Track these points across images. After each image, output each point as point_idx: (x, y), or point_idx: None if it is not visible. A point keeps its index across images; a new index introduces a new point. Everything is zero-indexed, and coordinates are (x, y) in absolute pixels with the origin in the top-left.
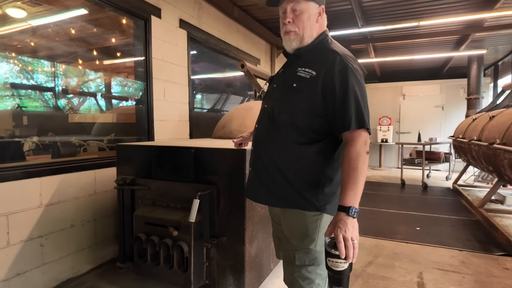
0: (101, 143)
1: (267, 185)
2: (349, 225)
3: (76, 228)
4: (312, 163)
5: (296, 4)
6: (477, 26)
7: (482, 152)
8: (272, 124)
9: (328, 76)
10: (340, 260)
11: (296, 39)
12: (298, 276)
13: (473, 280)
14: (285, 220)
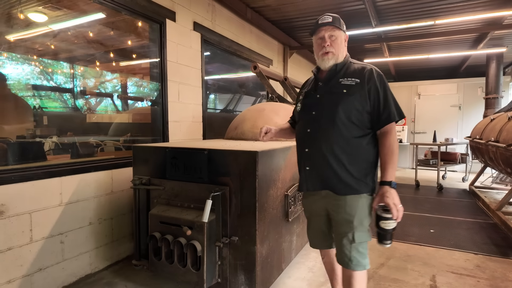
0: (118, 143)
1: (332, 177)
2: (393, 194)
3: (94, 226)
4: (366, 153)
5: (332, 32)
6: (496, 24)
7: (499, 154)
8: (329, 125)
9: (370, 82)
10: (391, 221)
11: (333, 58)
12: (356, 252)
13: (488, 285)
14: (344, 207)
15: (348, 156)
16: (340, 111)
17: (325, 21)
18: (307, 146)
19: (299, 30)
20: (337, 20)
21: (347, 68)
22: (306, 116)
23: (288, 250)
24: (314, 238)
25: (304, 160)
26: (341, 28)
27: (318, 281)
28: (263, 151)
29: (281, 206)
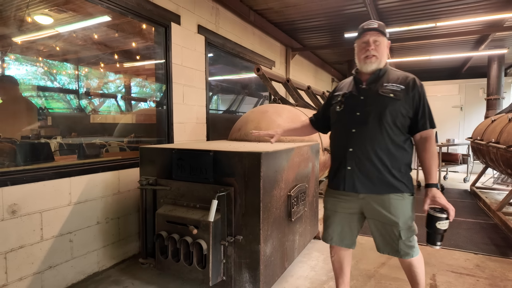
0: (124, 144)
1: (375, 178)
2: (442, 196)
3: (101, 225)
4: (406, 155)
5: (377, 37)
6: (498, 25)
7: (500, 155)
8: (375, 126)
9: (414, 90)
10: (447, 221)
11: (376, 61)
12: (403, 246)
13: (488, 284)
14: (388, 208)
15: (390, 158)
16: (388, 114)
17: (371, 27)
18: (351, 146)
19: (302, 32)
20: (382, 26)
21: (389, 74)
22: (349, 116)
23: (291, 249)
24: (336, 235)
25: (347, 160)
26: (385, 34)
27: (320, 280)
28: (267, 152)
29: (284, 206)
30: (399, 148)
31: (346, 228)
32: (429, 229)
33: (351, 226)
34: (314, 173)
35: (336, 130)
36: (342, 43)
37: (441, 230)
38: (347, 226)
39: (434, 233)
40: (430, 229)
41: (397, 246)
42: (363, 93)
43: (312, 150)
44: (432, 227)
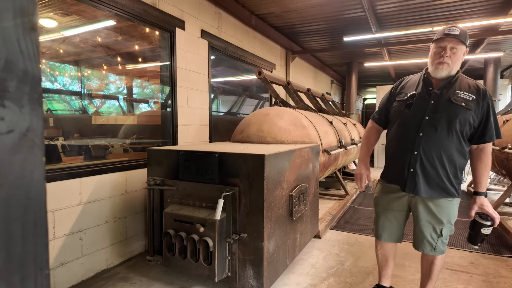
0: (126, 145)
1: (434, 182)
2: (489, 204)
3: (110, 224)
4: (464, 162)
5: (456, 45)
6: (493, 30)
7: (495, 156)
8: (444, 133)
9: (484, 101)
10: (491, 228)
11: (447, 69)
12: (440, 243)
13: (481, 280)
14: (437, 208)
15: (451, 165)
16: (457, 122)
17: (452, 33)
18: (416, 149)
19: (302, 35)
20: (464, 34)
21: (461, 81)
22: (416, 119)
23: (292, 247)
24: (386, 231)
25: (410, 162)
26: (465, 43)
27: (320, 276)
28: (270, 154)
29: (286, 205)
30: (460, 155)
31: (396, 225)
32: (473, 231)
33: (400, 223)
34: (315, 173)
35: (399, 130)
36: (341, 46)
37: (484, 235)
38: (396, 222)
39: (477, 236)
40: (474, 232)
41: (435, 243)
42: (434, 98)
43: (313, 152)
44: (476, 230)
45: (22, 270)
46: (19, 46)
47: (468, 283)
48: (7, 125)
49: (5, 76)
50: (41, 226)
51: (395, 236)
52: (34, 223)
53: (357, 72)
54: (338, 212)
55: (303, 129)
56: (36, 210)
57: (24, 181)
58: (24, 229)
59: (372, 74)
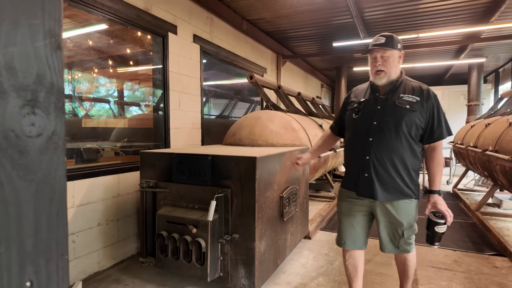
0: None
1: (390, 185)
2: (443, 202)
3: (102, 227)
4: (417, 163)
5: (384, 53)
6: (475, 37)
7: (478, 158)
8: (392, 136)
9: (429, 101)
10: (445, 225)
11: (385, 76)
12: (404, 243)
13: (463, 277)
14: (396, 211)
15: (404, 166)
16: (404, 124)
17: (378, 43)
18: (368, 154)
19: (292, 40)
20: (390, 40)
21: (405, 84)
22: (366, 125)
23: (283, 247)
24: (349, 238)
25: (364, 167)
26: (394, 47)
27: (310, 276)
28: (261, 156)
29: (277, 206)
30: (412, 156)
31: (358, 230)
32: (428, 231)
33: (362, 227)
34: (305, 176)
35: (352, 137)
36: (331, 51)
37: (439, 233)
38: (359, 227)
39: (433, 235)
40: (429, 231)
41: (397, 243)
42: (381, 103)
43: None
44: (431, 230)
45: (46, 254)
46: (47, 63)
47: (451, 280)
48: (37, 130)
49: (36, 88)
50: (62, 216)
51: (359, 243)
52: (57, 213)
53: (347, 76)
54: (327, 214)
55: (294, 132)
56: (59, 202)
57: (49, 177)
58: (49, 219)
59: (361, 78)
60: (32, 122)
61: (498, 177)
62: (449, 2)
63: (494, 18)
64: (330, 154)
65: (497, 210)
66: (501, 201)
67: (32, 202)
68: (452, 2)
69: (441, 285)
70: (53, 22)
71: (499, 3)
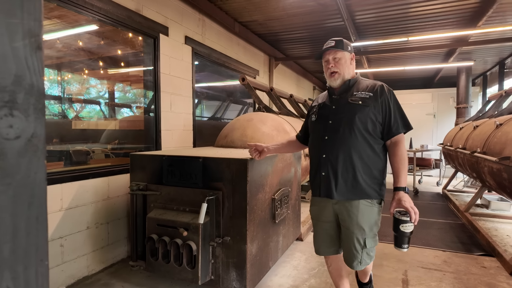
0: (107, 150)
1: (347, 182)
2: (409, 199)
3: (91, 230)
4: (378, 161)
5: (335, 54)
6: (464, 40)
7: (466, 160)
8: (346, 132)
9: (382, 96)
10: (410, 224)
11: (339, 77)
12: (366, 256)
13: (453, 277)
14: (356, 214)
15: (362, 164)
16: (357, 120)
17: (328, 46)
18: (324, 152)
19: (284, 43)
20: (340, 43)
21: (359, 83)
22: (322, 124)
23: (275, 249)
24: (322, 245)
25: (321, 166)
26: (345, 49)
27: (302, 278)
28: (253, 158)
29: (269, 209)
30: (371, 154)
31: (332, 234)
32: (395, 232)
33: (330, 234)
34: (297, 177)
35: (312, 138)
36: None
37: (406, 233)
38: (332, 232)
39: (400, 236)
40: (396, 232)
41: (360, 257)
42: (335, 103)
43: (295, 156)
44: (397, 230)
45: (25, 260)
46: (26, 63)
47: (440, 281)
48: (15, 132)
49: (14, 89)
50: (42, 221)
51: (332, 249)
52: (36, 218)
53: None
54: None
55: (286, 134)
56: (39, 206)
57: (28, 181)
58: (27, 223)
59: None
60: (10, 124)
61: (486, 178)
62: (438, 6)
63: (481, 23)
64: None
65: (485, 211)
66: (489, 202)
67: (10, 206)
68: (441, 6)
69: (431, 286)
70: (33, 21)
71: (486, 8)
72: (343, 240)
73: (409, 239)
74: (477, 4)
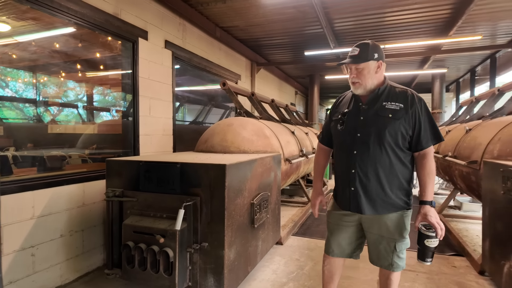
0: (85, 155)
1: (378, 198)
2: (435, 213)
3: (65, 238)
4: (406, 173)
5: (358, 65)
6: (437, 49)
7: (439, 163)
8: (376, 148)
9: (413, 107)
10: (436, 239)
11: (360, 87)
12: (397, 258)
13: (425, 277)
14: (386, 222)
15: (392, 177)
16: (387, 135)
17: (352, 54)
18: (353, 168)
19: (266, 48)
20: (364, 51)
21: (389, 91)
22: (350, 137)
23: (253, 254)
24: (339, 246)
25: (350, 181)
26: (369, 59)
27: (280, 282)
28: (231, 164)
29: (248, 213)
30: (400, 166)
31: (347, 240)
32: (419, 245)
33: (351, 238)
34: (276, 182)
35: (339, 150)
36: (303, 59)
37: (430, 248)
38: (348, 237)
39: (423, 249)
40: (420, 246)
41: (391, 259)
42: (363, 113)
43: (274, 161)
44: (421, 244)
45: None
46: None
47: (414, 281)
48: None
49: None
50: None
51: (347, 251)
52: None
53: (319, 84)
54: (300, 219)
55: (266, 139)
56: None
57: None
58: None
59: (334, 86)
60: None
61: (457, 181)
62: (412, 15)
63: (452, 32)
64: (302, 160)
65: (458, 212)
66: (461, 204)
67: None
68: (414, 16)
69: (405, 286)
70: None
71: (456, 18)
72: (371, 243)
73: (433, 253)
74: (448, 14)
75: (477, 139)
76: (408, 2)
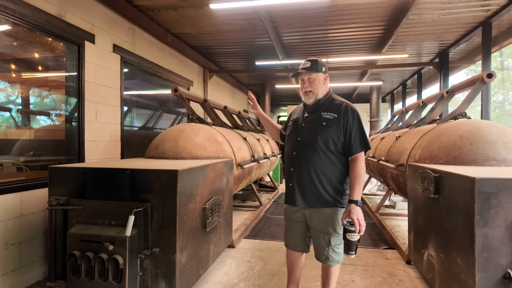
0: (20, 163)
1: (310, 193)
2: (359, 211)
3: (0, 252)
4: (340, 174)
5: (310, 75)
6: (373, 64)
7: (375, 167)
8: (310, 150)
9: (345, 117)
10: (355, 234)
11: (313, 96)
12: (332, 252)
13: (362, 269)
14: (321, 217)
15: (324, 177)
16: (320, 139)
17: (304, 67)
18: (292, 166)
19: (218, 56)
20: (315, 64)
21: (329, 103)
22: (293, 140)
23: (205, 257)
24: (292, 241)
25: (289, 178)
26: (319, 70)
27: (231, 283)
28: (183, 169)
29: (200, 218)
30: (333, 168)
31: (297, 236)
32: (344, 239)
33: (300, 234)
34: (229, 187)
35: (285, 151)
36: (255, 69)
37: (352, 242)
38: (301, 231)
39: (347, 243)
40: (344, 239)
41: (327, 254)
42: (305, 121)
43: (227, 166)
44: (345, 237)
45: None
46: None
47: (352, 273)
48: None
49: None
50: None
51: (299, 247)
52: None
53: (270, 92)
54: (252, 222)
55: (218, 145)
56: None
57: None
58: None
59: (284, 95)
60: None
61: (389, 182)
62: (350, 33)
63: (384, 49)
64: (254, 165)
65: (392, 210)
66: (395, 203)
67: None
68: (353, 33)
69: (344, 278)
70: None
71: (387, 38)
72: (312, 238)
73: (356, 246)
74: (380, 34)
75: (404, 145)
76: (347, 22)
